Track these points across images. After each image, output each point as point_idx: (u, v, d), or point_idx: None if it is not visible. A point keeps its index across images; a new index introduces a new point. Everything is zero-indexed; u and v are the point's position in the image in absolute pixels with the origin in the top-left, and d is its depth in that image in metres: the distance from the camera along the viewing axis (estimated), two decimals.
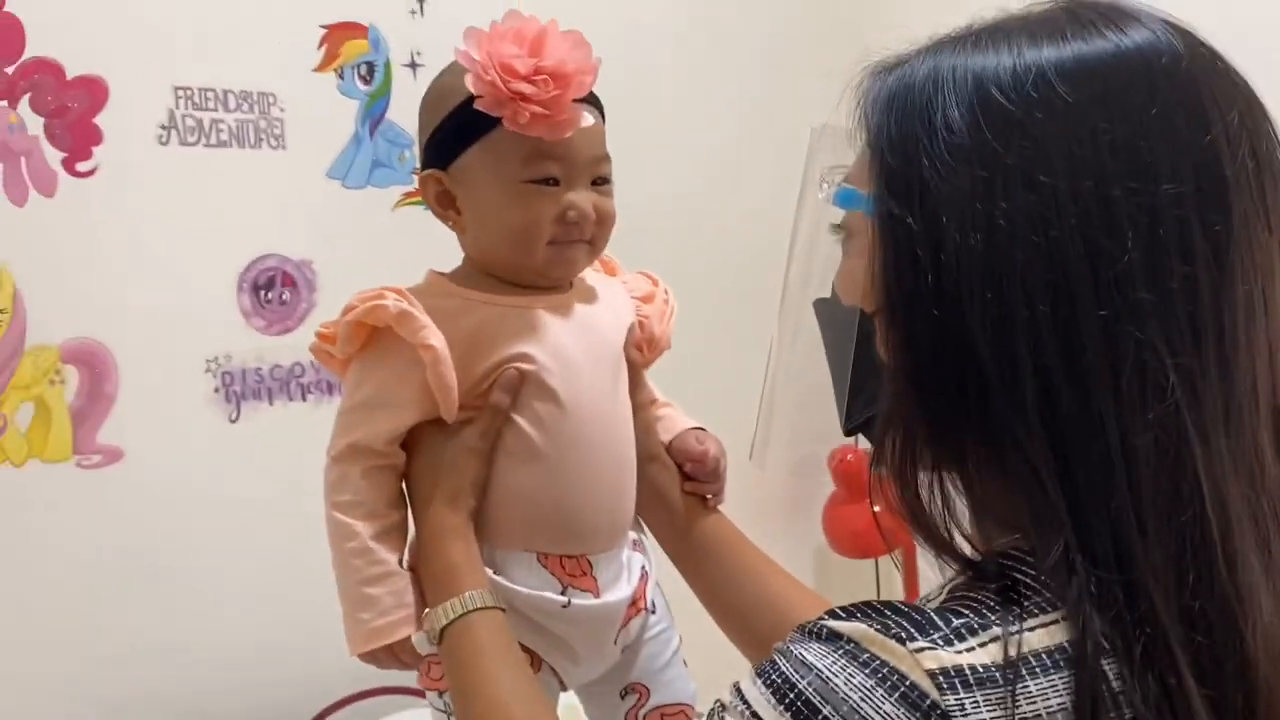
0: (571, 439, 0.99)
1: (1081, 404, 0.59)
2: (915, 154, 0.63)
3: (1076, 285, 0.59)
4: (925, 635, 0.58)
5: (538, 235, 0.97)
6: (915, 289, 0.62)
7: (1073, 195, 0.59)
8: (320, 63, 1.59)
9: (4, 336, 1.36)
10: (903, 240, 0.63)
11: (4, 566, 1.40)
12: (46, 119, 1.37)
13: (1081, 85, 0.60)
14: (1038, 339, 0.59)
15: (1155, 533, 0.58)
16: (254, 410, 1.58)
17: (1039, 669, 0.57)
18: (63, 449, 1.43)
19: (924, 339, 0.63)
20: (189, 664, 1.54)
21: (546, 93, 0.91)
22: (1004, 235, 0.60)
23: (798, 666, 0.60)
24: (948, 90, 0.63)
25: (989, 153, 0.60)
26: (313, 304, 1.61)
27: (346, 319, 0.96)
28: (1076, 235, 0.59)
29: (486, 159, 0.96)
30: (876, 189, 0.65)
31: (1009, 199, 0.60)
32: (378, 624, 0.95)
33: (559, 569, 1.00)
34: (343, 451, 0.98)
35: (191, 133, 1.48)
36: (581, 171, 0.98)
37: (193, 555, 1.54)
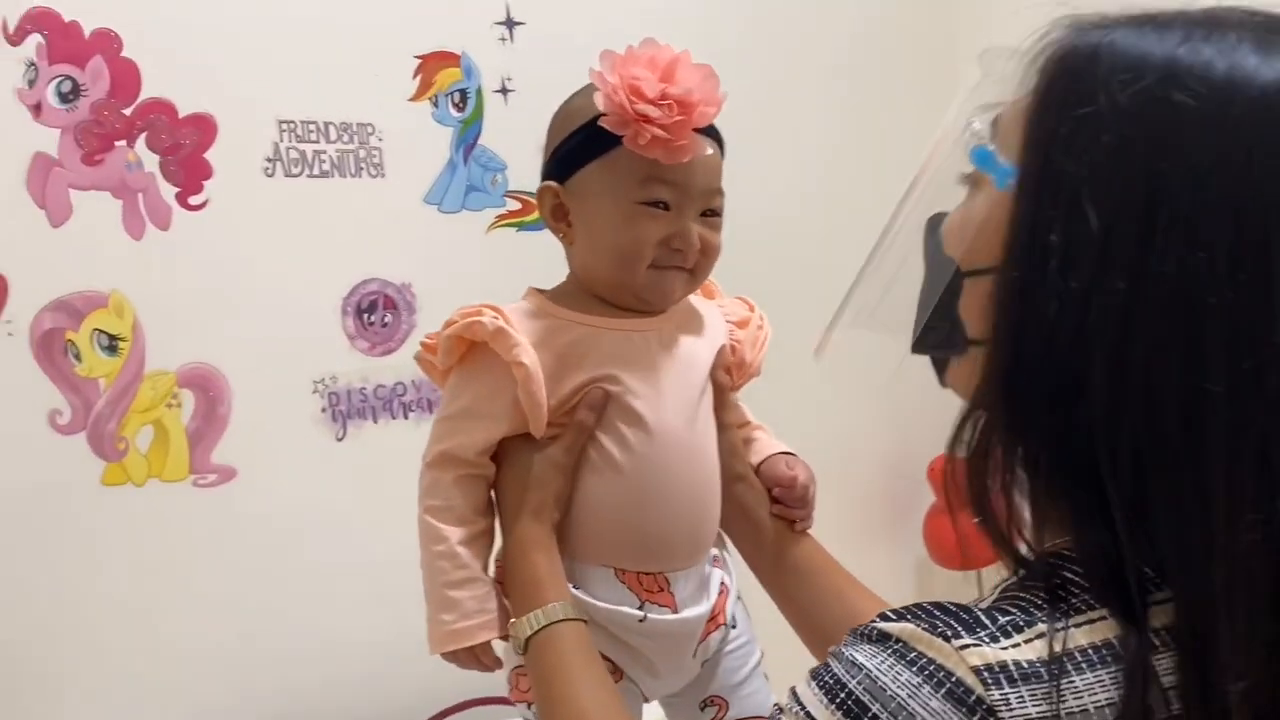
0: (653, 461, 1.00)
1: (1192, 480, 0.57)
2: (1079, 159, 0.58)
3: (1212, 357, 0.56)
4: (971, 633, 0.58)
5: (641, 256, 0.99)
6: (1038, 297, 0.59)
7: (1232, 262, 0.55)
8: (415, 92, 1.63)
9: (125, 363, 1.43)
10: (1039, 242, 0.60)
11: (128, 582, 1.46)
12: (161, 156, 1.44)
13: (1275, 135, 0.55)
14: (1158, 397, 0.57)
15: (1245, 632, 0.56)
16: (359, 429, 1.63)
17: (1085, 664, 0.57)
18: (180, 469, 1.49)
19: (1034, 349, 0.61)
20: (300, 674, 1.59)
21: (670, 118, 0.93)
22: (1151, 284, 0.56)
23: (849, 667, 0.61)
24: (1135, 91, 0.57)
25: (1158, 189, 0.56)
26: (413, 325, 1.66)
27: (446, 333, 1.00)
28: (1225, 306, 0.55)
29: (604, 176, 0.99)
30: (1026, 173, 0.62)
31: (1167, 246, 0.55)
32: (459, 626, 0.97)
33: (636, 584, 1.01)
34: (436, 458, 1.01)
35: (295, 164, 1.54)
36: (694, 200, 0.99)
37: (302, 568, 1.59)
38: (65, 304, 1.39)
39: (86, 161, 1.38)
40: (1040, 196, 0.60)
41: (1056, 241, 0.58)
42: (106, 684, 1.46)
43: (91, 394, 1.41)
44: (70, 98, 1.37)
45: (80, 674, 1.45)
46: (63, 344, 1.39)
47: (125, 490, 1.45)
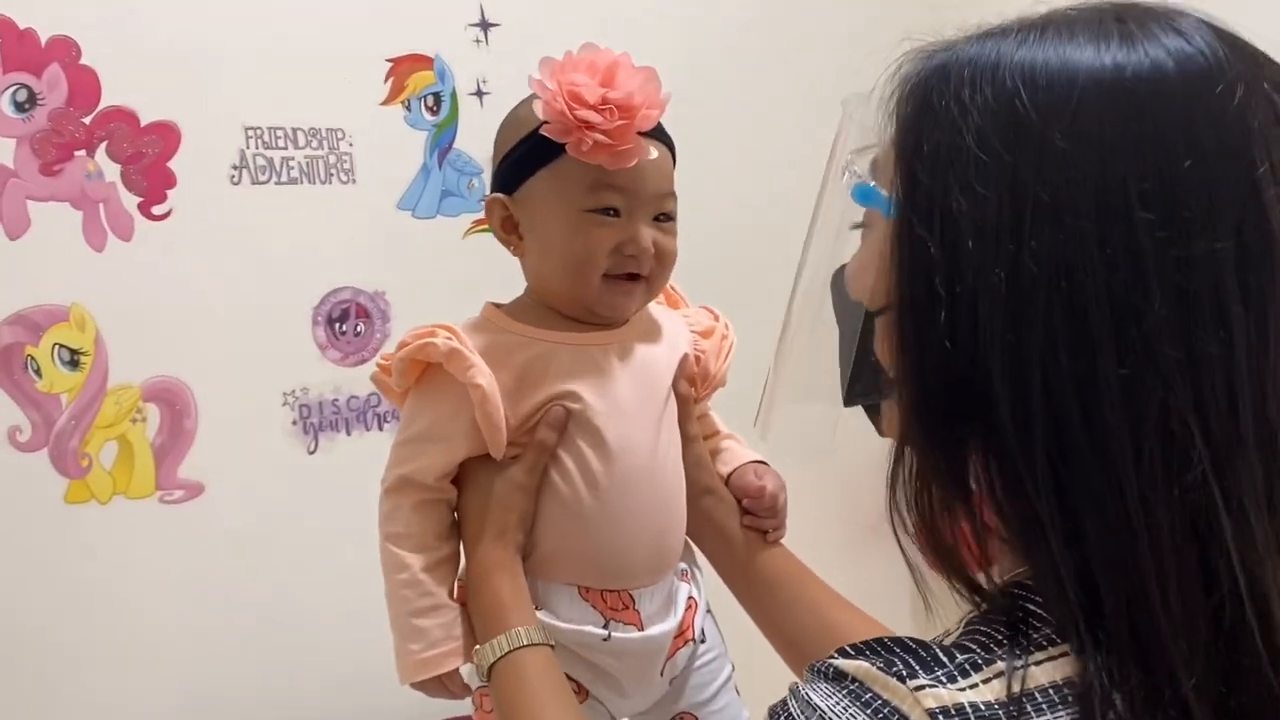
0: (615, 479, 0.98)
1: (1100, 467, 0.55)
2: (942, 170, 0.58)
3: (1099, 338, 0.54)
4: (928, 672, 0.56)
5: (594, 265, 0.97)
6: (929, 313, 0.59)
7: (1099, 241, 0.54)
8: (387, 96, 1.61)
9: (87, 378, 1.40)
10: (920, 261, 0.59)
11: (92, 601, 1.44)
12: (123, 165, 1.41)
13: (1118, 112, 0.55)
14: (1056, 390, 0.55)
15: (1181, 616, 0.54)
16: (331, 441, 1.60)
17: (1045, 704, 0.55)
18: (146, 485, 1.46)
19: (934, 368, 0.60)
20: (272, 694, 1.57)
21: (611, 122, 0.91)
22: (1028, 276, 0.55)
23: (804, 707, 0.59)
24: (983, 97, 0.58)
25: (1018, 183, 0.56)
26: (387, 334, 1.63)
27: (399, 355, 0.97)
28: (1101, 284, 0.54)
29: (551, 185, 0.97)
30: (898, 198, 0.62)
31: (1036, 237, 0.55)
32: (426, 655, 0.95)
33: (600, 602, 1.00)
34: (395, 484, 0.99)
35: (263, 171, 1.51)
36: (644, 205, 0.97)
37: (274, 585, 1.56)
38: (24, 318, 1.36)
39: (44, 172, 1.36)
40: (914, 216, 0.60)
41: (937, 255, 0.58)
42: (72, 706, 1.44)
43: (53, 410, 1.39)
44: (26, 106, 1.34)
45: (46, 695, 1.42)
46: (22, 359, 1.36)
47: (89, 508, 1.43)
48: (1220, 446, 0.54)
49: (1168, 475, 0.54)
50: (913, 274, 0.60)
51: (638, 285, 1.00)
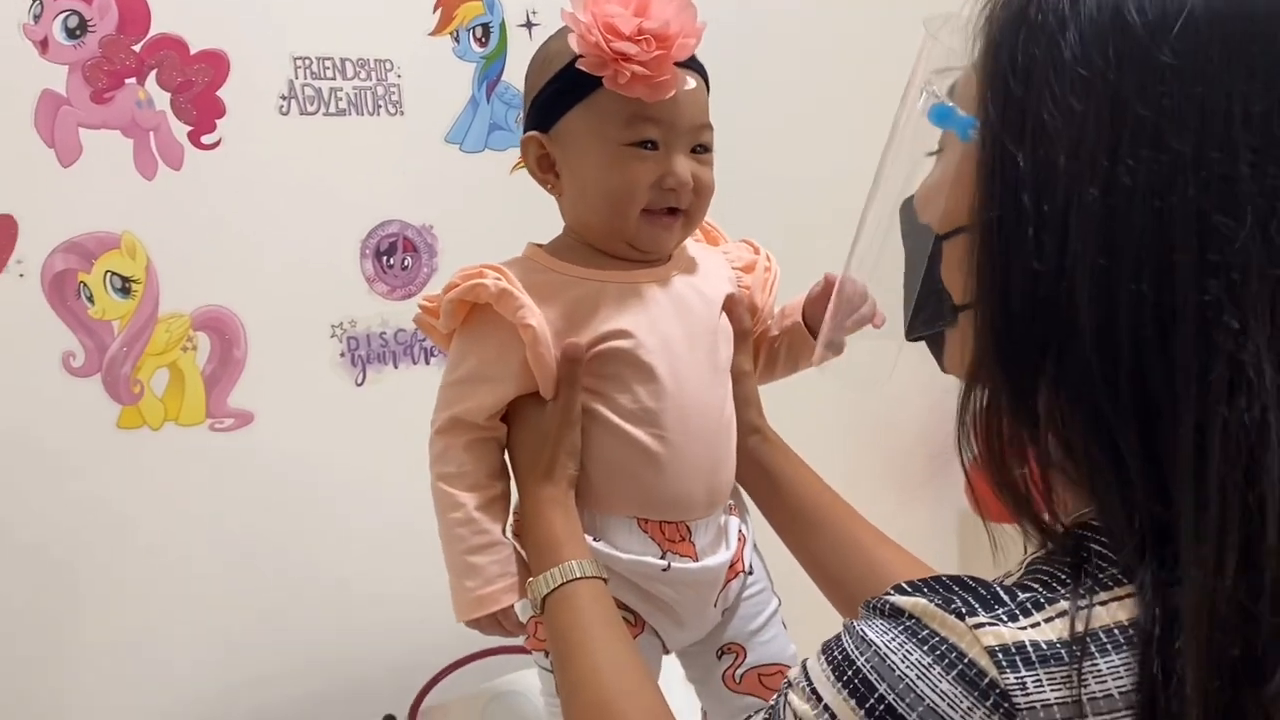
0: (668, 413, 0.99)
1: (1174, 387, 0.54)
2: (1038, 84, 0.58)
3: (1181, 263, 0.54)
4: (988, 610, 0.56)
5: (633, 200, 0.96)
6: (1015, 232, 0.58)
7: (1196, 162, 0.54)
8: (436, 27, 1.59)
9: (138, 306, 1.42)
10: (1009, 177, 0.58)
11: (143, 526, 1.47)
12: (173, 94, 1.41)
13: (1229, 38, 0.54)
14: (1143, 315, 0.55)
15: (1219, 531, 0.53)
16: (378, 374, 1.61)
17: (1110, 645, 0.54)
18: (196, 413, 1.48)
19: (1020, 292, 0.59)
20: (316, 619, 1.60)
21: (648, 53, 0.90)
22: (1124, 196, 0.55)
23: (859, 643, 0.59)
24: (1085, 7, 0.57)
25: (1119, 99, 0.55)
26: (434, 268, 1.63)
27: (448, 296, 0.97)
28: (1192, 208, 0.54)
29: (587, 121, 0.96)
30: (986, 113, 0.60)
31: (1133, 156, 0.55)
32: (482, 592, 0.97)
33: (658, 534, 1.01)
34: (445, 424, 1.00)
35: (311, 102, 1.51)
36: (682, 137, 0.96)
37: (321, 513, 1.59)
38: (76, 245, 1.38)
39: (95, 99, 1.36)
40: (1005, 132, 0.59)
41: (1027, 171, 0.57)
42: (123, 626, 1.48)
43: (105, 336, 1.41)
44: (77, 33, 1.34)
45: (96, 616, 1.46)
46: (75, 286, 1.38)
47: (141, 434, 1.45)
48: None
49: (1231, 400, 0.53)
50: (1001, 190, 0.59)
51: (676, 219, 0.99)
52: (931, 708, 0.54)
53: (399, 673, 1.51)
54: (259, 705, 1.57)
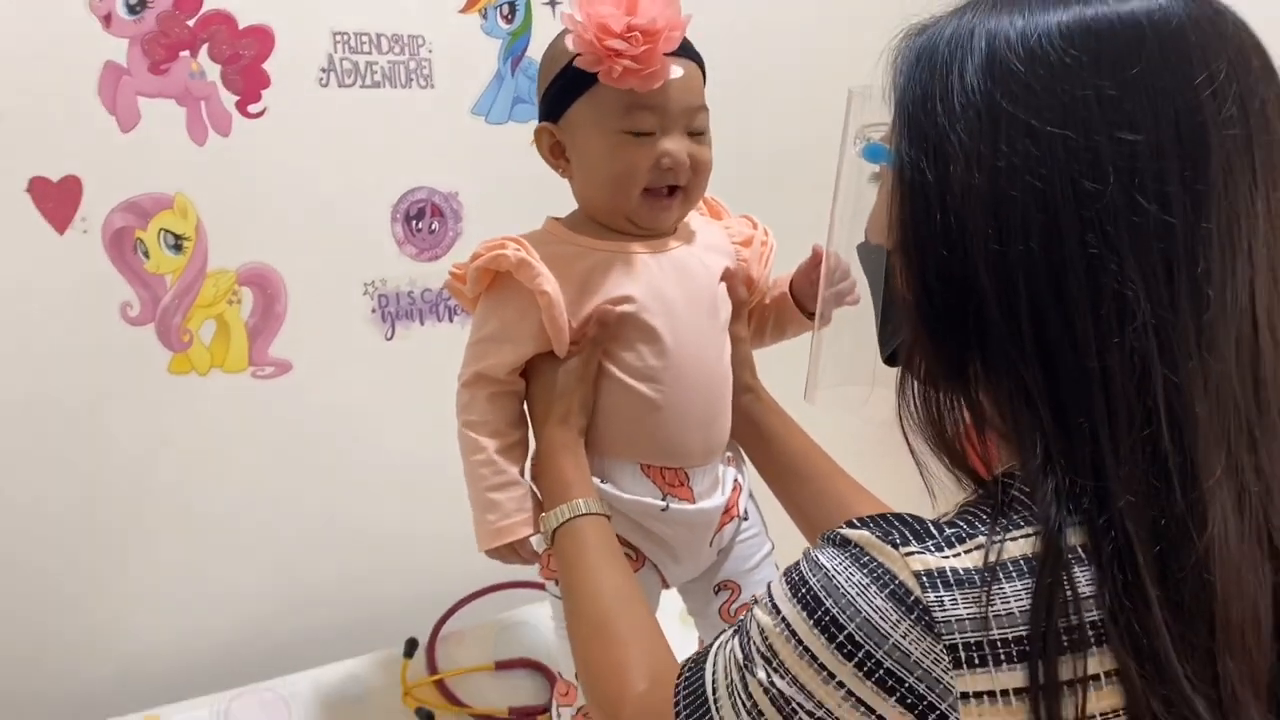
0: (669, 370, 1.08)
1: (1066, 328, 0.64)
2: (932, 107, 0.68)
3: (1064, 223, 0.64)
4: (919, 542, 0.66)
5: (634, 182, 1.05)
6: (927, 229, 0.69)
7: (1064, 143, 0.64)
8: (465, 4, 1.67)
9: (189, 261, 1.52)
10: (917, 185, 0.69)
11: (191, 463, 1.58)
12: (223, 66, 1.50)
13: (1079, 46, 0.65)
14: (1031, 271, 0.65)
15: (1126, 446, 0.64)
16: (406, 329, 1.71)
17: (1015, 573, 0.64)
18: (240, 361, 1.58)
19: (933, 273, 0.69)
20: (345, 550, 1.71)
21: (637, 48, 0.98)
22: (1004, 177, 0.65)
23: (812, 566, 0.69)
24: (965, 50, 0.68)
25: (994, 105, 0.66)
26: (459, 233, 1.73)
27: (474, 265, 1.07)
28: (1065, 179, 0.64)
29: (590, 112, 1.05)
30: (897, 141, 0.71)
31: (1010, 144, 0.65)
32: (501, 524, 1.07)
33: (659, 478, 1.11)
34: (470, 378, 1.10)
35: (349, 75, 1.60)
36: (676, 121, 1.05)
37: (352, 456, 1.69)
38: (134, 205, 1.48)
39: (153, 70, 1.46)
40: (911, 147, 0.70)
41: (930, 175, 0.68)
42: (174, 553, 1.59)
43: (159, 289, 1.51)
44: (138, 9, 1.44)
45: (150, 543, 1.57)
46: (132, 241, 1.48)
47: (190, 379, 1.55)
48: (1158, 306, 0.63)
49: (1119, 331, 0.63)
50: (912, 196, 0.70)
51: (675, 198, 1.08)
52: (867, 619, 0.64)
53: (421, 602, 1.61)
54: (297, 628, 1.68)
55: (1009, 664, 0.63)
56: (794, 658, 0.67)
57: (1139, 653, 0.62)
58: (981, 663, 0.63)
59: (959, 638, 0.63)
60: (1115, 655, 0.63)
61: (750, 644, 0.71)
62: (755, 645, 0.70)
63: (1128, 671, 0.62)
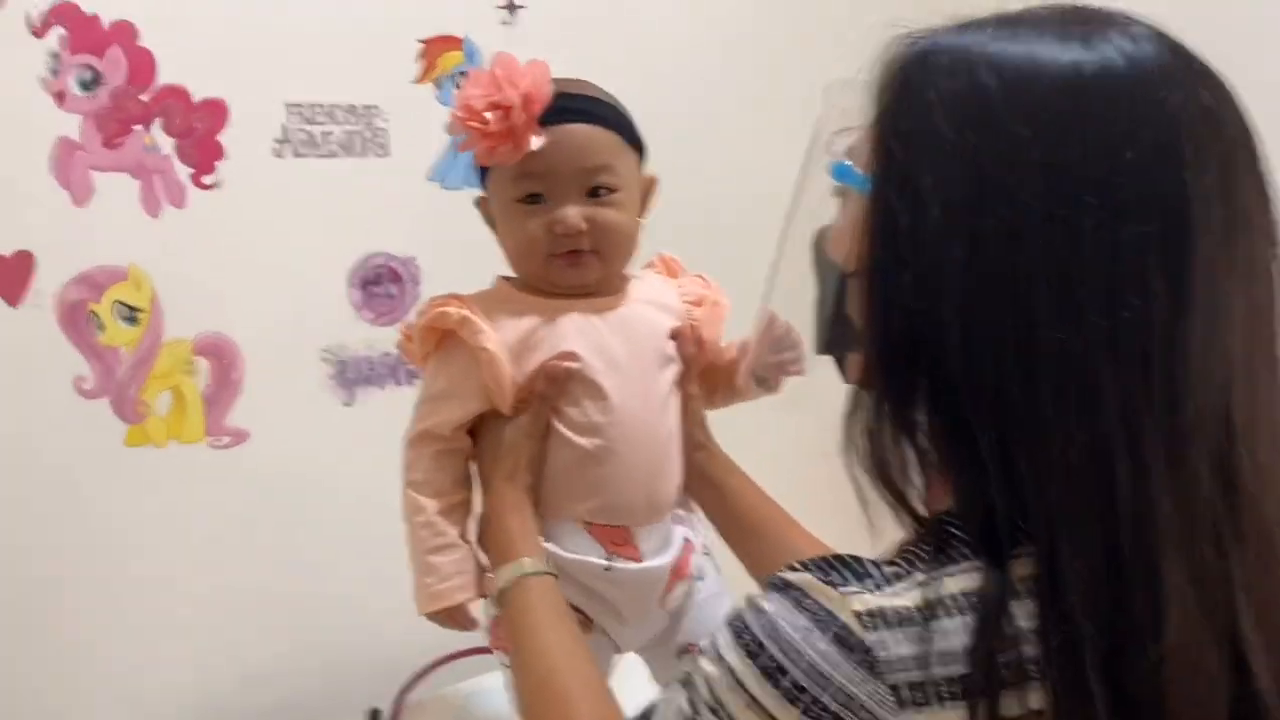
0: (613, 425, 1.07)
1: (1030, 408, 0.63)
2: (915, 149, 0.66)
3: (1039, 306, 0.62)
4: (859, 581, 0.65)
5: (535, 249, 1.06)
6: (894, 273, 0.67)
7: (1046, 221, 0.62)
8: (419, 75, 1.70)
9: (144, 333, 1.51)
10: (890, 230, 0.67)
11: (148, 535, 1.55)
12: (176, 139, 1.51)
13: (1072, 107, 0.63)
14: (1000, 344, 0.63)
15: (1083, 535, 0.62)
16: (366, 394, 1.71)
17: (955, 609, 0.63)
18: (196, 431, 1.57)
19: (899, 325, 0.68)
20: (306, 619, 1.68)
21: (501, 124, 1.00)
22: (984, 251, 0.63)
23: (755, 613, 0.68)
24: (955, 84, 0.65)
25: (980, 164, 0.64)
26: (417, 296, 1.72)
27: (419, 324, 1.08)
28: (1046, 259, 0.62)
29: (494, 184, 1.09)
30: (875, 171, 0.69)
31: (992, 213, 0.63)
32: (439, 588, 1.06)
33: (603, 536, 1.09)
34: (417, 436, 1.09)
35: (303, 145, 1.61)
36: (566, 184, 1.05)
37: (310, 525, 1.67)
38: (88, 277, 1.47)
39: (107, 145, 1.47)
40: (888, 189, 0.68)
41: (904, 225, 0.66)
42: (125, 626, 1.56)
43: (113, 361, 1.50)
44: (91, 86, 1.45)
45: (98, 620, 1.54)
46: (86, 314, 1.48)
47: (146, 451, 1.54)
48: (1128, 400, 0.62)
49: (1084, 421, 0.62)
50: (883, 241, 0.69)
51: (582, 260, 1.07)
52: (812, 663, 0.63)
53: (385, 672, 1.58)
54: (255, 702, 1.64)
55: (951, 701, 0.62)
56: (740, 707, 0.66)
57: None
58: (924, 701, 0.62)
59: (901, 677, 0.62)
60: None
61: (697, 695, 0.70)
62: (702, 696, 0.69)
63: None
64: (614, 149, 1.08)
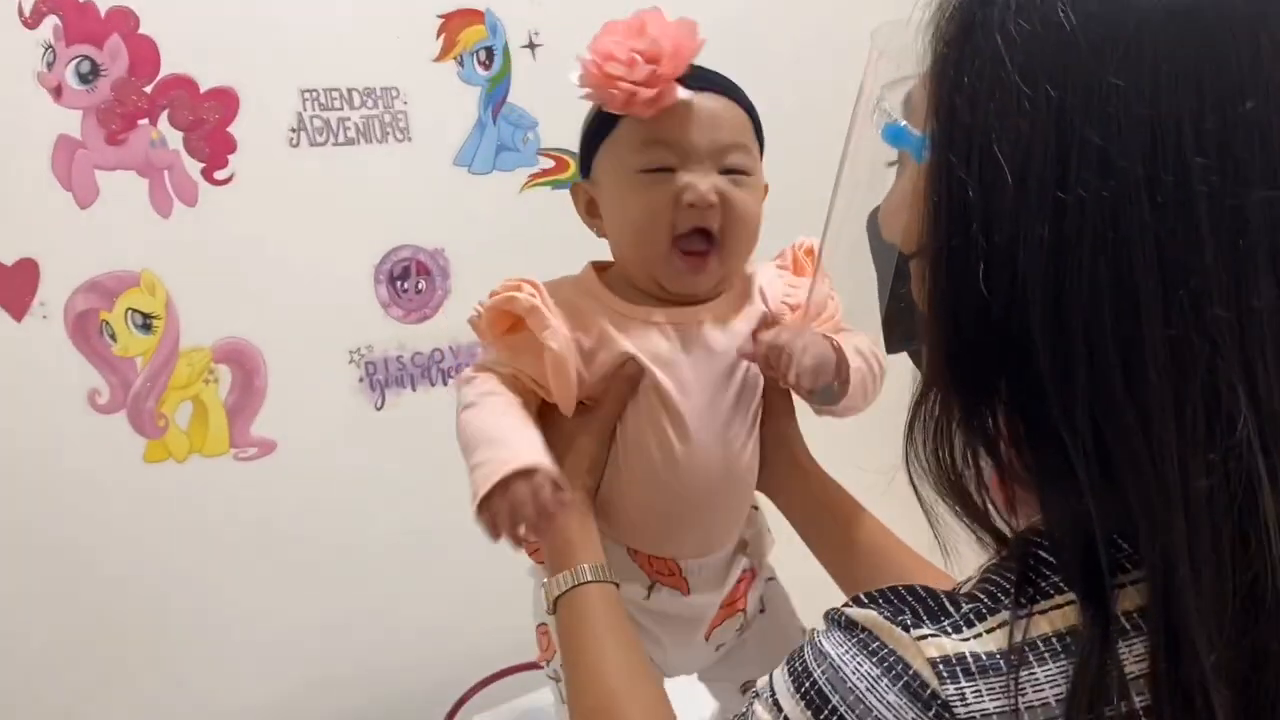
0: (666, 453, 0.97)
1: (1141, 427, 0.52)
2: (983, 106, 0.55)
3: (1144, 296, 0.51)
4: (934, 622, 0.56)
5: (655, 225, 0.93)
6: (964, 263, 0.56)
7: (1149, 187, 0.51)
8: (439, 52, 1.60)
9: (160, 341, 1.44)
10: (957, 205, 0.56)
11: (172, 557, 1.48)
12: (185, 132, 1.43)
13: (1177, 43, 0.51)
14: (1098, 348, 0.52)
15: (1210, 583, 0.51)
16: (397, 397, 1.62)
17: (1048, 654, 0.54)
18: (220, 443, 1.50)
19: (968, 315, 0.57)
20: (342, 643, 1.61)
21: (638, 72, 0.89)
22: (1072, 226, 0.52)
23: (817, 656, 0.59)
24: (1029, 24, 0.54)
25: (1065, 122, 0.52)
26: (448, 290, 1.64)
27: (487, 305, 0.96)
28: (1149, 237, 0.51)
29: (609, 156, 0.96)
30: (935, 134, 0.58)
31: (1082, 183, 0.52)
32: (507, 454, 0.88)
33: (647, 565, 1.02)
34: (477, 368, 0.98)
35: (320, 133, 1.52)
36: (701, 158, 0.93)
37: (344, 537, 1.59)
38: (97, 284, 1.40)
39: (110, 141, 1.38)
40: (952, 156, 0.56)
41: (975, 199, 0.55)
42: (153, 657, 1.49)
43: (129, 373, 1.43)
44: (90, 78, 1.36)
45: (127, 648, 1.48)
46: (98, 324, 1.40)
47: (167, 466, 1.47)
48: (1267, 412, 0.51)
49: (1210, 440, 0.51)
50: (949, 218, 0.57)
51: (709, 257, 0.95)
52: (879, 718, 0.54)
53: (429, 691, 1.51)
54: None
55: None
56: None
57: None
58: None
59: None
60: None
61: None
62: None
63: None
64: (748, 131, 0.97)
